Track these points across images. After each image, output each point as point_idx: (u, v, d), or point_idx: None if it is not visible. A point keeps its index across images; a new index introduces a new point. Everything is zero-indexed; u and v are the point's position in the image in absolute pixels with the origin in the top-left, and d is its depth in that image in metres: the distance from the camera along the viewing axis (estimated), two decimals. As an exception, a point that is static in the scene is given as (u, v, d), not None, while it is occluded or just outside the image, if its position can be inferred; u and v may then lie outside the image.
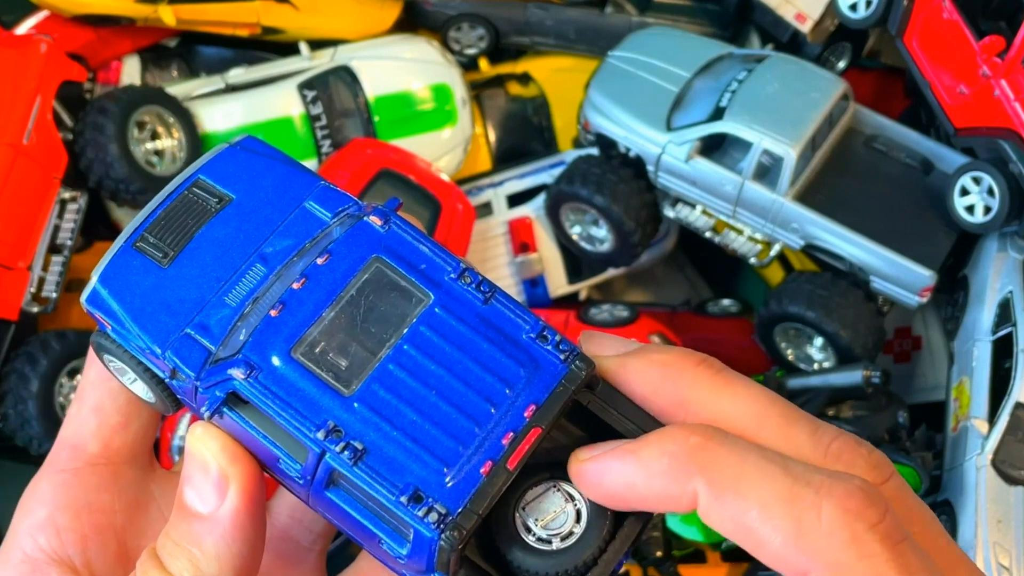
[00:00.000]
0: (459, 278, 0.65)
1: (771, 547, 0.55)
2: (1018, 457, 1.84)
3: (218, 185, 0.70)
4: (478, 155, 2.56)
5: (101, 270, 0.69)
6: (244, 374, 0.62)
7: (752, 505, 0.55)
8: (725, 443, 0.57)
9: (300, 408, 0.61)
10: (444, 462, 0.60)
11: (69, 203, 2.13)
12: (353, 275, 0.65)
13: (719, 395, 0.61)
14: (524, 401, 0.62)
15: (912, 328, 2.37)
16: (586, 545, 0.61)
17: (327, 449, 0.60)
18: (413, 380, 0.62)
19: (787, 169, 2.05)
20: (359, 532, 0.63)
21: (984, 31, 1.98)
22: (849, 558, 0.53)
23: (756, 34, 2.53)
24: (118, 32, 2.36)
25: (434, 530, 0.58)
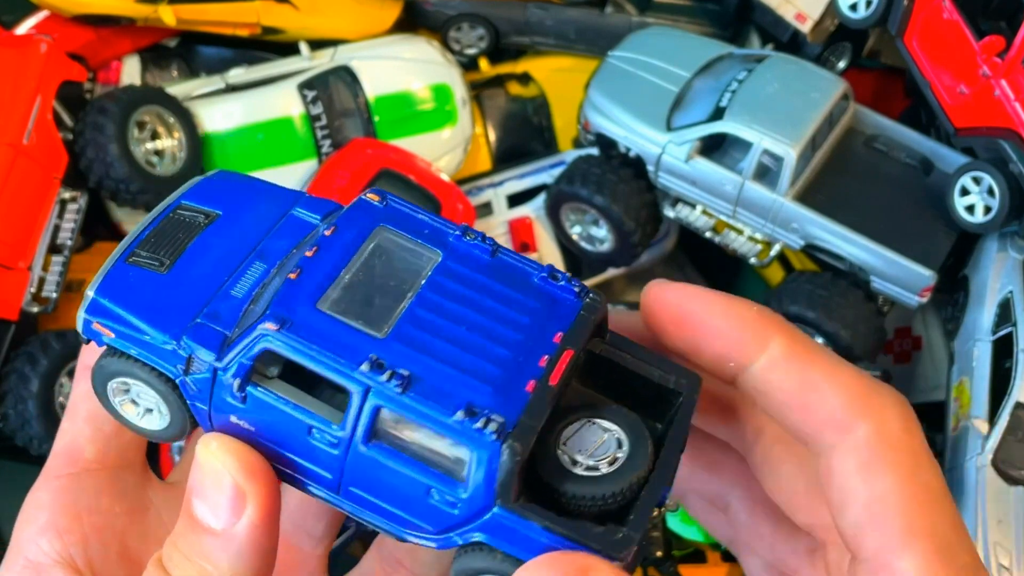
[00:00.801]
0: (463, 235, 0.66)
1: (827, 406, 0.61)
2: (1018, 457, 1.84)
3: (202, 205, 0.71)
4: (478, 155, 2.56)
5: (97, 283, 0.68)
6: (276, 325, 0.61)
7: (823, 368, 0.62)
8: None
9: (338, 350, 0.60)
10: (489, 383, 0.59)
11: (69, 203, 2.13)
12: (362, 242, 0.66)
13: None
14: (551, 329, 0.63)
15: (912, 328, 2.37)
16: (635, 465, 0.61)
17: (373, 383, 0.59)
18: (441, 319, 0.62)
19: (787, 169, 2.05)
20: (401, 496, 0.61)
21: (984, 31, 1.98)
22: (897, 430, 0.60)
23: (756, 34, 2.53)
24: (118, 32, 2.35)
25: (495, 441, 0.57)
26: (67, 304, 2.12)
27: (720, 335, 0.64)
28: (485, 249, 0.66)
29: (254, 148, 2.31)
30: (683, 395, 0.65)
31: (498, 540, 0.60)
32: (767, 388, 0.64)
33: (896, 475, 0.59)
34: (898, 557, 0.58)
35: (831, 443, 0.61)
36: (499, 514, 0.59)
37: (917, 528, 0.58)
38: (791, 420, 0.63)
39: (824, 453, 0.62)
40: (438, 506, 0.61)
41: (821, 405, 0.61)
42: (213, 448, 0.63)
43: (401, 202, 0.69)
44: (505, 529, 0.59)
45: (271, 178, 2.56)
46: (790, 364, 0.63)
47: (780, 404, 0.63)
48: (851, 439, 0.60)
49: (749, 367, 0.64)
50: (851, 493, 0.60)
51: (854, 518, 0.60)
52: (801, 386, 0.62)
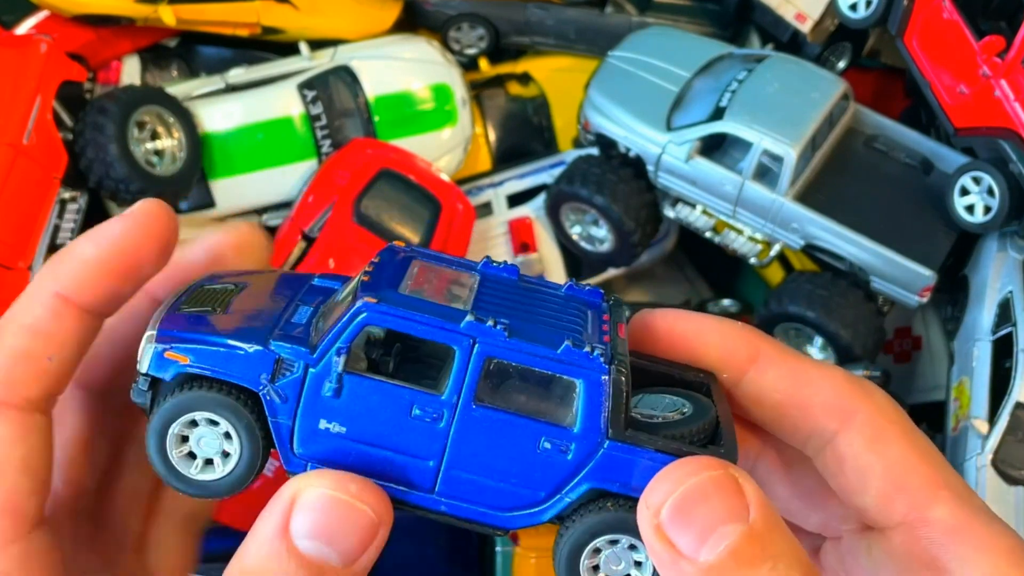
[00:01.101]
0: (490, 263, 0.71)
1: (824, 397, 0.65)
2: (1018, 457, 1.84)
3: (221, 283, 0.74)
4: (478, 155, 2.56)
5: (156, 325, 0.69)
6: (376, 298, 0.63)
7: (811, 367, 0.67)
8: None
9: (435, 314, 0.62)
10: (574, 332, 0.63)
11: (69, 203, 2.13)
12: (406, 268, 0.69)
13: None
14: (595, 311, 0.67)
15: (912, 328, 2.37)
16: (704, 410, 0.66)
17: (478, 332, 0.61)
18: (508, 303, 0.66)
19: (787, 169, 2.05)
20: (510, 462, 0.62)
21: (984, 31, 1.98)
22: (890, 408, 0.66)
23: (756, 34, 2.53)
24: (118, 32, 2.36)
25: (603, 365, 0.61)
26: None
27: (713, 349, 0.69)
28: (512, 270, 0.70)
29: (254, 148, 2.31)
30: (707, 384, 0.69)
31: (611, 481, 0.62)
32: (763, 391, 0.68)
33: (902, 444, 0.65)
34: (929, 509, 0.63)
35: (834, 429, 0.66)
36: (612, 446, 0.62)
37: (937, 482, 0.64)
38: (789, 418, 0.67)
39: (828, 441, 0.66)
40: (550, 457, 0.62)
41: (817, 397, 0.67)
42: (329, 483, 0.61)
43: (426, 249, 0.73)
44: (619, 464, 0.62)
45: (271, 178, 2.58)
46: (782, 366, 0.68)
47: (776, 404, 0.68)
48: (855, 421, 0.65)
49: (744, 376, 0.68)
50: (868, 468, 0.65)
51: (877, 489, 0.65)
52: (796, 384, 0.67)
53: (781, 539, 0.56)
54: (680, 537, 0.55)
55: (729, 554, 0.54)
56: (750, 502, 0.56)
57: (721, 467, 0.57)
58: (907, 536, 0.64)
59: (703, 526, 0.55)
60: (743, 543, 0.54)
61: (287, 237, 2.23)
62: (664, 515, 0.56)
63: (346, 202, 2.21)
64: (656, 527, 0.56)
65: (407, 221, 2.24)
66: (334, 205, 2.21)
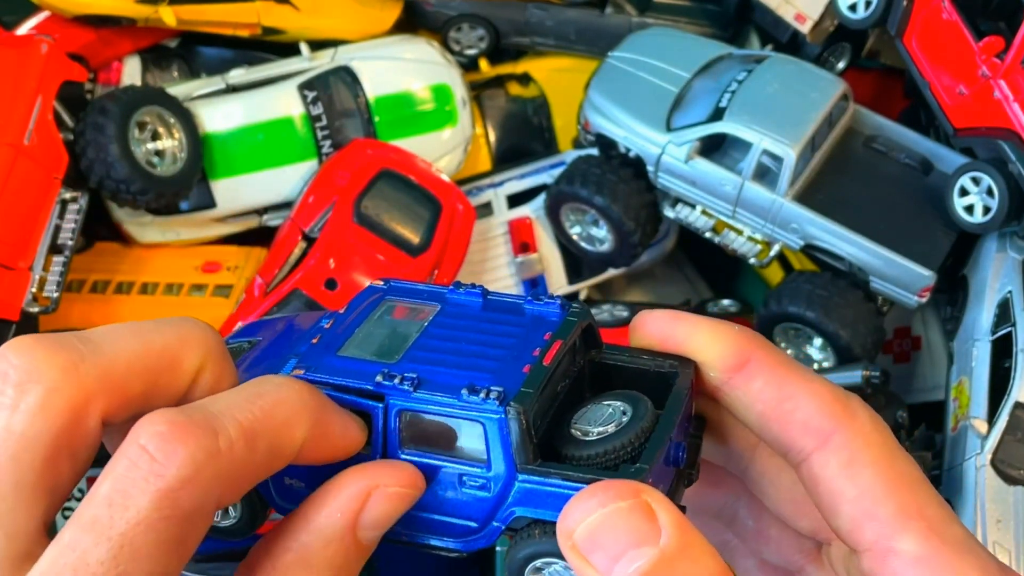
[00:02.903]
0: (456, 288, 0.74)
1: (803, 415, 0.65)
2: (1017, 457, 1.85)
3: (241, 339, 0.79)
4: (478, 155, 2.56)
5: None
6: (303, 370, 0.67)
7: (797, 380, 0.66)
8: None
9: (356, 376, 0.66)
10: (487, 371, 0.66)
11: (70, 203, 2.13)
12: (371, 311, 0.73)
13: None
14: (540, 332, 0.69)
15: (912, 328, 2.37)
16: (638, 418, 0.66)
17: (386, 390, 0.65)
18: (443, 343, 0.69)
19: (787, 169, 2.05)
20: (443, 497, 0.67)
21: (983, 31, 1.98)
22: (870, 430, 0.65)
23: (756, 34, 2.53)
24: (119, 32, 2.36)
25: (498, 407, 0.63)
26: (67, 304, 2.12)
27: (701, 352, 0.69)
28: (476, 294, 0.73)
29: (254, 148, 2.31)
30: (675, 374, 0.70)
31: (533, 509, 0.65)
32: (747, 399, 0.68)
33: (877, 468, 0.64)
34: (896, 540, 0.62)
35: (809, 449, 0.65)
36: (523, 480, 0.64)
37: (908, 511, 0.63)
38: (771, 430, 0.67)
39: (804, 460, 0.66)
40: (474, 493, 0.66)
41: (798, 414, 0.66)
42: (411, 483, 0.65)
43: (402, 282, 0.76)
44: (533, 495, 0.64)
45: (271, 178, 2.59)
46: (769, 376, 0.67)
47: (759, 415, 0.67)
48: (831, 443, 0.65)
49: (729, 380, 0.68)
50: (839, 493, 0.64)
51: (847, 515, 0.64)
52: (778, 397, 0.66)
53: (693, 561, 0.57)
54: (593, 556, 0.57)
55: (639, 575, 0.56)
56: (663, 526, 0.57)
57: (632, 494, 0.58)
58: (874, 563, 0.63)
59: (613, 551, 0.56)
60: (652, 566, 0.56)
61: (287, 237, 2.23)
62: (577, 538, 0.58)
63: (346, 202, 2.21)
64: (571, 546, 0.58)
65: (407, 221, 2.24)
66: (334, 205, 2.21)
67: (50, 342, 0.56)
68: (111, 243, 2.37)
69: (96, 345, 0.57)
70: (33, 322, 2.05)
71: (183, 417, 0.54)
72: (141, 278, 2.29)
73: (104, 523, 0.51)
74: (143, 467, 0.52)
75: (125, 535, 0.51)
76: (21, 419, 0.53)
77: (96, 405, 0.56)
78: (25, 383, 0.54)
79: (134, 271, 2.30)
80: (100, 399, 0.56)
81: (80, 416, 0.55)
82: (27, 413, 0.54)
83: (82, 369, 0.55)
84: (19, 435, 0.53)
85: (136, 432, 0.53)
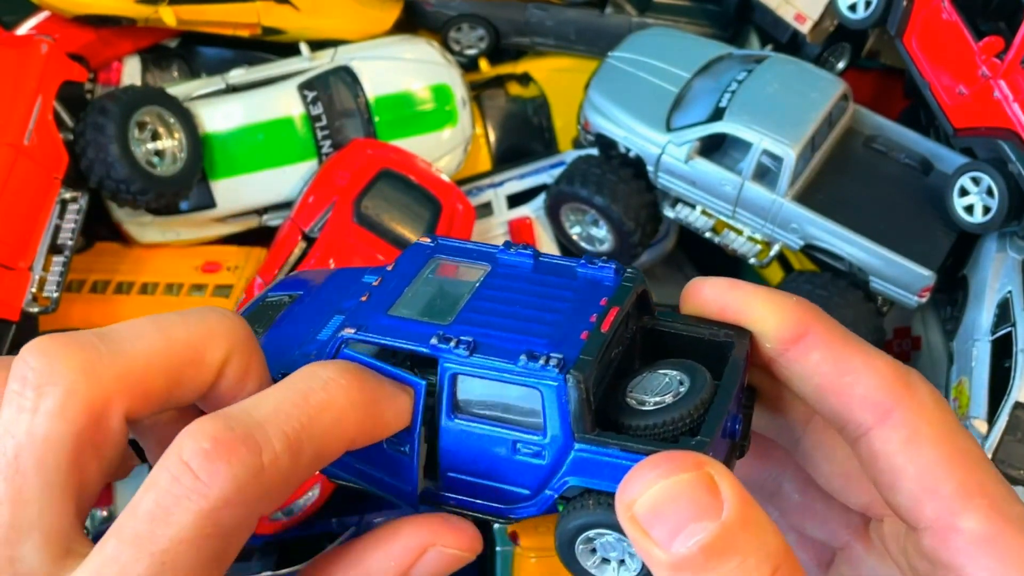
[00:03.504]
0: (508, 249, 0.73)
1: (864, 389, 0.64)
2: (1017, 457, 1.85)
3: (281, 292, 0.79)
4: (478, 155, 2.56)
5: None
6: (354, 329, 0.66)
7: (858, 354, 0.65)
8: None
9: (409, 337, 0.65)
10: (544, 337, 0.65)
11: (70, 203, 2.13)
12: (419, 269, 0.72)
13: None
14: (596, 298, 0.68)
15: (912, 328, 2.37)
16: (696, 390, 0.65)
17: (440, 352, 0.64)
18: (496, 305, 0.68)
19: (787, 169, 2.05)
20: (494, 464, 0.66)
21: (983, 31, 1.98)
22: (931, 406, 0.64)
23: (756, 34, 2.53)
24: (119, 32, 2.36)
25: (557, 374, 0.62)
26: (67, 304, 2.12)
27: (759, 323, 0.68)
28: (527, 255, 0.72)
29: (254, 148, 2.31)
30: (732, 344, 0.69)
31: (589, 479, 0.64)
32: (805, 372, 0.67)
33: (939, 446, 0.63)
34: (958, 517, 0.62)
35: (870, 424, 0.65)
36: (580, 449, 0.63)
37: (969, 489, 0.62)
38: (828, 404, 0.66)
39: (863, 435, 0.65)
40: (528, 461, 0.65)
41: (858, 388, 0.65)
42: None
43: (450, 240, 0.76)
44: (590, 465, 0.63)
45: (271, 178, 2.59)
46: (828, 349, 0.66)
47: (817, 388, 0.66)
48: (891, 418, 0.64)
49: (787, 352, 0.67)
50: (899, 469, 0.64)
51: (907, 491, 0.63)
52: (838, 370, 0.65)
53: (754, 535, 0.56)
54: (653, 529, 0.57)
55: (699, 549, 0.55)
56: (725, 499, 0.56)
57: (695, 466, 0.57)
58: (935, 540, 0.63)
59: (674, 524, 0.56)
60: (714, 539, 0.55)
61: (287, 237, 2.23)
62: (637, 510, 0.57)
63: (346, 202, 2.21)
64: (630, 518, 0.57)
65: (407, 221, 2.24)
66: (334, 205, 2.21)
67: (68, 341, 0.55)
68: (111, 243, 2.37)
69: (115, 342, 0.57)
70: (33, 322, 2.05)
71: (227, 432, 0.53)
72: (141, 278, 2.29)
73: (146, 538, 0.51)
74: (186, 484, 0.52)
75: (167, 552, 0.51)
76: (41, 422, 0.53)
77: (117, 404, 0.55)
78: (43, 385, 0.54)
79: (134, 271, 2.30)
80: (120, 398, 0.55)
81: (100, 416, 0.55)
82: (47, 416, 0.53)
83: (100, 368, 0.55)
84: (41, 439, 0.53)
85: (179, 445, 0.53)
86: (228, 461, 0.52)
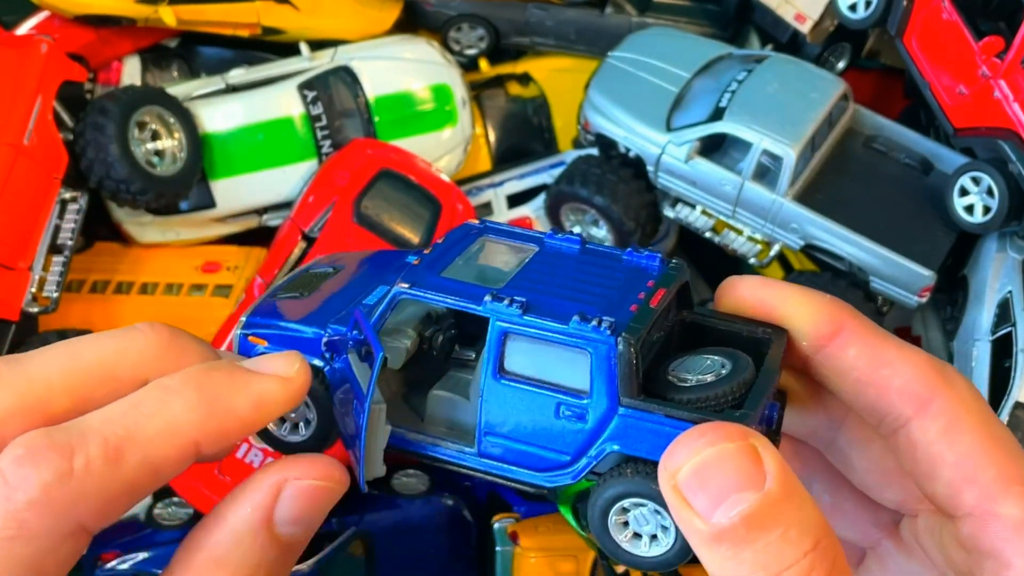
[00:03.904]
0: (552, 235, 0.75)
1: (902, 381, 0.65)
2: (1017, 457, 1.84)
3: (325, 267, 0.82)
4: (478, 155, 2.56)
5: (249, 312, 0.76)
6: (408, 284, 0.69)
7: (893, 348, 0.66)
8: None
9: (462, 295, 0.68)
10: (596, 307, 0.66)
11: (70, 203, 2.13)
12: (469, 244, 0.74)
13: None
14: (643, 280, 0.70)
15: (912, 328, 2.37)
16: (739, 371, 0.67)
17: (494, 311, 0.66)
18: (547, 277, 0.70)
19: (787, 169, 2.05)
20: (535, 427, 0.67)
21: (983, 31, 1.98)
22: (968, 397, 0.66)
23: (756, 34, 2.53)
24: (118, 32, 2.36)
25: (609, 336, 0.64)
26: (67, 304, 2.12)
27: (795, 320, 0.69)
28: (575, 240, 0.74)
29: (254, 148, 2.31)
30: (770, 340, 0.70)
31: (630, 446, 0.65)
32: (841, 367, 0.68)
33: (977, 434, 0.65)
34: (999, 504, 0.63)
35: (908, 416, 0.66)
36: (625, 413, 0.65)
37: (1009, 476, 0.64)
38: (866, 397, 0.68)
39: (903, 426, 0.67)
40: (569, 424, 0.66)
41: (896, 380, 0.66)
42: (329, 475, 0.64)
43: (499, 223, 0.78)
44: (634, 430, 0.65)
45: (271, 178, 2.58)
46: (863, 344, 0.67)
47: (856, 382, 0.68)
48: (930, 408, 0.65)
49: (823, 349, 0.68)
50: (939, 458, 0.65)
51: (946, 479, 0.65)
52: (875, 364, 0.67)
53: (796, 507, 0.57)
54: (696, 498, 0.57)
55: (741, 519, 0.56)
56: (768, 471, 0.57)
57: (741, 437, 0.58)
58: (975, 527, 0.64)
59: (718, 492, 0.57)
60: (756, 510, 0.56)
61: (287, 237, 2.23)
62: (681, 478, 0.58)
63: (346, 202, 2.21)
64: (674, 487, 0.58)
65: (407, 221, 2.24)
66: (334, 205, 2.21)
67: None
68: (111, 243, 2.37)
69: (19, 365, 0.60)
70: (33, 322, 2.05)
71: (44, 439, 0.55)
72: (141, 278, 2.28)
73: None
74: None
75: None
76: None
77: (11, 424, 0.57)
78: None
79: (134, 271, 2.30)
80: (16, 418, 0.58)
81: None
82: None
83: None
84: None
85: (2, 453, 0.55)
86: (35, 465, 0.54)
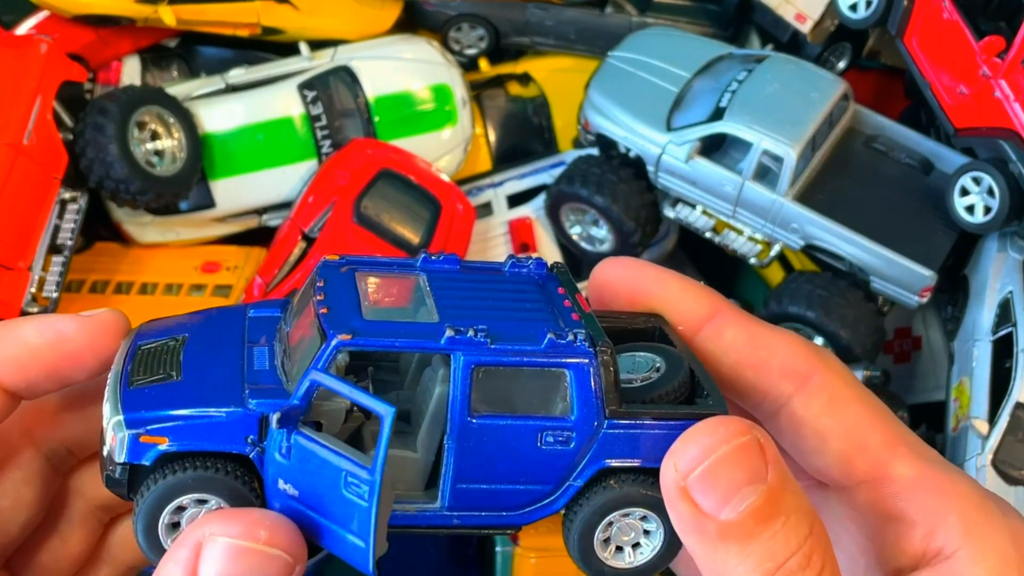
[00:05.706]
0: (428, 259, 0.71)
1: (780, 360, 0.67)
2: (1018, 457, 1.84)
3: (160, 339, 0.71)
4: (478, 155, 2.56)
5: (118, 408, 0.65)
6: (348, 335, 0.62)
7: (767, 330, 0.68)
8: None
9: (414, 335, 0.62)
10: (547, 320, 0.64)
11: (69, 203, 2.13)
12: (354, 281, 0.69)
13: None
14: (547, 285, 0.68)
15: (912, 328, 2.37)
16: (677, 365, 0.67)
17: (460, 344, 0.60)
18: (468, 302, 0.66)
19: (787, 169, 2.05)
20: (515, 462, 0.63)
21: (984, 31, 1.98)
22: (843, 371, 0.69)
23: (756, 34, 2.53)
24: (118, 32, 2.36)
25: (588, 349, 0.62)
26: (67, 304, 2.12)
27: (671, 303, 0.71)
28: (452, 259, 0.71)
29: (254, 148, 2.31)
30: (657, 329, 0.70)
31: (616, 457, 0.63)
32: (720, 350, 0.70)
33: (859, 405, 0.68)
34: (890, 466, 0.66)
35: (789, 392, 0.68)
36: (611, 425, 0.63)
37: (895, 441, 0.67)
38: (744, 379, 0.69)
39: (785, 404, 0.68)
40: (553, 450, 0.63)
41: (774, 360, 0.68)
42: (250, 534, 0.61)
43: (359, 256, 0.72)
44: (622, 440, 0.63)
45: (271, 178, 2.58)
46: (739, 327, 0.69)
47: (733, 364, 0.69)
48: (811, 384, 0.68)
49: (700, 332, 0.70)
50: (826, 429, 0.67)
51: (836, 451, 0.67)
52: (752, 345, 0.69)
53: (792, 495, 0.59)
54: (704, 498, 0.58)
55: (749, 513, 0.57)
56: (768, 463, 0.58)
57: (748, 431, 0.59)
58: (870, 493, 0.66)
59: (727, 489, 0.57)
60: (761, 503, 0.57)
61: (287, 237, 2.23)
62: (692, 479, 0.58)
63: (346, 202, 2.21)
64: (681, 489, 0.58)
65: (407, 221, 2.24)
66: (334, 205, 2.21)
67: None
68: (111, 243, 2.37)
69: (5, 329, 0.68)
70: (32, 322, 2.05)
71: None
72: (141, 278, 2.28)
73: None
74: None
75: None
76: None
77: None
78: None
79: (134, 271, 2.30)
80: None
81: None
82: None
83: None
84: None
85: None
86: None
